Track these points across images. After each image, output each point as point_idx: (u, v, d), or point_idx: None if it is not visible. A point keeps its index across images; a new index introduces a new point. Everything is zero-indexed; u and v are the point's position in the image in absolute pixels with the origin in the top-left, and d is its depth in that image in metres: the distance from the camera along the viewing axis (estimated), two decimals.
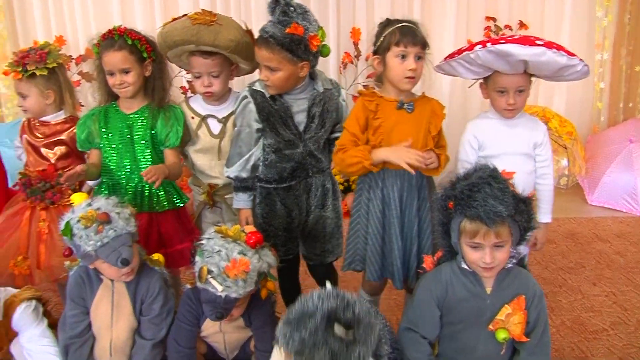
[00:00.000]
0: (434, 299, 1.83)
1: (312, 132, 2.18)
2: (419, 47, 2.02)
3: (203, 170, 2.34)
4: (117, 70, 2.15)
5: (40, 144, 2.36)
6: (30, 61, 2.26)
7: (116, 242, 1.84)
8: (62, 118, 2.38)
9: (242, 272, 1.75)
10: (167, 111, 2.26)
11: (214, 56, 2.18)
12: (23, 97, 2.32)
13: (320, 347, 1.29)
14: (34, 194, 2.31)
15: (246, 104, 2.15)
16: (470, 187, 1.70)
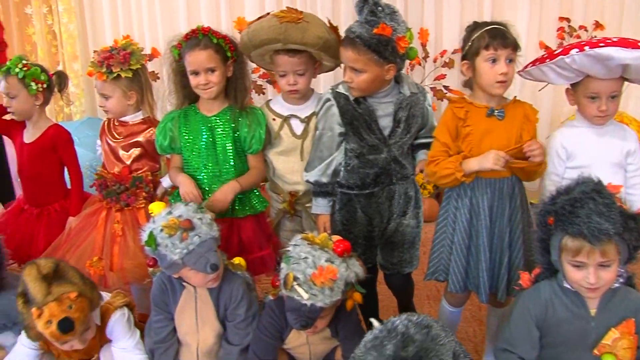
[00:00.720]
0: (533, 318, 1.73)
1: (397, 137, 2.12)
2: (510, 50, 1.94)
3: (283, 174, 2.30)
4: (202, 69, 2.12)
5: (118, 145, 2.35)
6: (114, 62, 2.25)
7: (202, 248, 1.80)
8: (140, 119, 2.38)
9: (329, 280, 1.69)
10: (249, 114, 2.23)
11: (299, 54, 2.14)
12: (106, 98, 2.31)
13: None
14: (109, 196, 2.31)
15: (329, 106, 2.11)
16: (572, 202, 1.59)
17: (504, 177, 2.02)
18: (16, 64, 2.38)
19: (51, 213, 2.48)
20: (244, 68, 2.23)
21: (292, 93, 2.20)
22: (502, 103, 2.03)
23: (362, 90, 2.05)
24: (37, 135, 2.47)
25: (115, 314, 1.92)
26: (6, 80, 2.40)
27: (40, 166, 2.46)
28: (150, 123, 2.36)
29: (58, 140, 2.46)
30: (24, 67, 2.38)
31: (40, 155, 2.45)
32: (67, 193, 2.51)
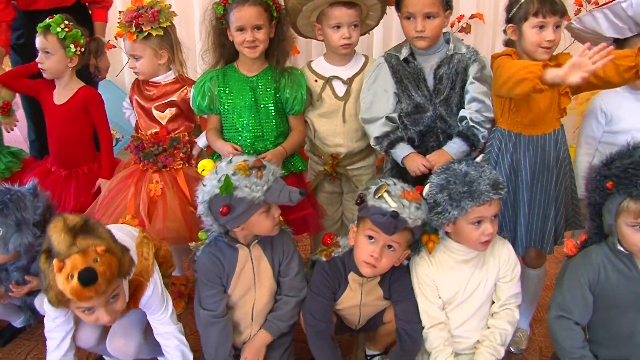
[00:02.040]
0: (586, 283, 1.74)
1: (442, 95, 2.10)
2: (558, 16, 1.91)
3: (325, 136, 2.26)
4: (250, 26, 2.07)
5: (151, 105, 2.29)
6: (144, 21, 2.17)
7: (278, 184, 1.79)
8: (172, 78, 2.31)
9: (416, 198, 1.74)
10: (290, 75, 2.20)
11: (355, 7, 2.12)
12: (136, 59, 2.23)
13: None
14: (146, 157, 2.25)
15: (381, 67, 2.13)
16: (635, 165, 1.61)
17: (547, 134, 2.00)
18: (58, 23, 2.30)
19: (80, 175, 2.43)
20: (286, 30, 2.19)
21: (345, 47, 2.16)
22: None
23: (433, 39, 2.07)
24: (68, 96, 2.40)
25: (148, 288, 1.81)
26: (45, 36, 2.32)
27: (71, 128, 2.41)
28: (184, 82, 2.30)
29: (90, 101, 2.40)
30: (66, 28, 2.30)
31: (71, 116, 2.39)
32: (95, 156, 2.47)
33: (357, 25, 2.15)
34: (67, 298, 1.54)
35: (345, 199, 2.36)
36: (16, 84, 2.50)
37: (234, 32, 2.10)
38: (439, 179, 1.79)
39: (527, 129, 2.00)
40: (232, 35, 2.12)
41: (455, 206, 1.73)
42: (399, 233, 1.72)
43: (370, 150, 2.31)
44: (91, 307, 1.60)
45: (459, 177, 1.74)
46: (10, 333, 2.33)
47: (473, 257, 1.85)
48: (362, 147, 2.28)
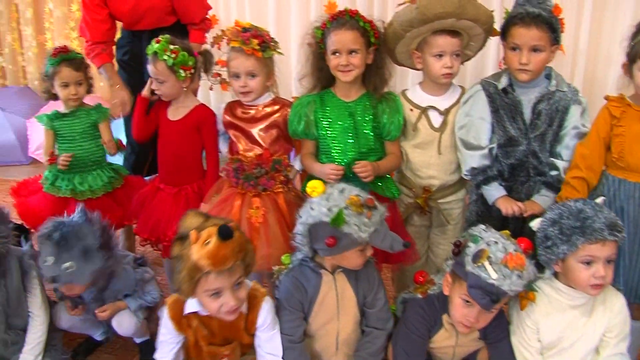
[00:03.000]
0: None
1: (538, 130, 2.06)
2: None
3: (418, 168, 2.22)
4: (345, 50, 2.07)
5: (253, 127, 2.27)
6: (267, 41, 2.18)
7: (383, 228, 1.76)
8: (270, 99, 2.29)
9: (520, 266, 1.64)
10: (388, 100, 2.18)
11: (459, 36, 2.10)
12: (252, 77, 2.21)
13: None
14: (247, 180, 2.21)
15: (479, 94, 2.10)
16: None
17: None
18: (164, 50, 2.29)
19: (189, 193, 2.41)
20: (384, 58, 2.17)
21: (446, 77, 2.13)
22: None
23: (536, 72, 2.04)
24: (183, 113, 2.41)
25: (266, 301, 1.85)
26: (154, 65, 2.32)
27: (184, 145, 2.40)
28: (282, 103, 2.28)
29: (204, 121, 2.40)
30: (172, 54, 2.29)
31: (185, 133, 2.39)
32: (203, 174, 2.45)
33: (459, 55, 2.13)
34: (198, 276, 1.64)
35: (434, 233, 2.31)
36: (148, 127, 2.48)
37: (330, 55, 2.11)
38: (552, 213, 1.75)
39: (632, 176, 1.95)
40: (329, 58, 2.12)
41: (566, 241, 1.69)
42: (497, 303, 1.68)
43: (462, 184, 2.26)
44: (219, 291, 1.67)
45: (572, 212, 1.71)
46: (91, 346, 2.36)
47: (582, 304, 1.78)
48: (455, 180, 2.23)
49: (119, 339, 2.38)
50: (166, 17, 2.82)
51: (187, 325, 1.85)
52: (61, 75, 2.48)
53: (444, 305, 1.81)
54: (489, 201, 2.10)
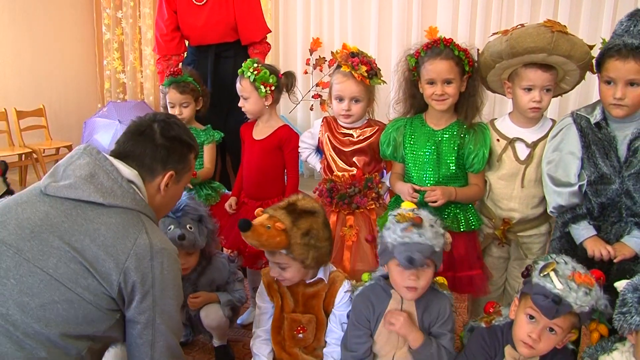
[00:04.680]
0: None
1: (634, 168, 1.95)
2: None
3: (499, 199, 2.20)
4: (440, 79, 2.09)
5: (350, 149, 2.35)
6: (375, 70, 2.26)
7: (415, 247, 1.77)
8: (365, 122, 2.37)
9: (587, 283, 1.61)
10: (476, 132, 2.18)
11: (551, 70, 2.05)
12: (356, 102, 2.28)
13: None
14: (342, 199, 2.29)
15: (569, 128, 2.03)
16: None
17: None
18: (249, 67, 2.50)
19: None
20: (478, 85, 2.17)
21: (534, 111, 2.09)
22: None
23: (633, 108, 1.93)
24: (267, 133, 2.58)
25: (345, 283, 2.04)
26: (240, 82, 2.55)
27: (267, 162, 2.57)
28: (377, 126, 2.36)
29: (286, 141, 2.56)
30: (255, 71, 2.49)
31: (268, 151, 2.56)
32: (284, 190, 2.60)
33: (550, 90, 2.08)
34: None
35: (512, 265, 2.27)
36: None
37: (425, 84, 2.13)
38: (639, 278, 1.64)
39: None
40: (422, 87, 2.15)
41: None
42: (562, 317, 1.63)
43: (545, 219, 2.21)
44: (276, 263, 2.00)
45: None
46: None
47: None
48: (537, 214, 2.18)
49: (198, 342, 2.58)
50: (231, 32, 3.09)
51: (276, 291, 2.11)
52: (169, 97, 2.72)
53: (507, 336, 1.79)
54: (577, 241, 2.02)
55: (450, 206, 2.20)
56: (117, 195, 1.58)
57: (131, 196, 1.60)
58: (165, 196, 1.75)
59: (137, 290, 1.54)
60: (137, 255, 1.53)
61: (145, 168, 1.69)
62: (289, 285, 2.07)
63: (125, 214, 1.58)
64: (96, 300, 1.50)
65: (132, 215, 1.59)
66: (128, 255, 1.52)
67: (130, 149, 1.70)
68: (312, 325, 2.09)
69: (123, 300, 1.55)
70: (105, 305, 1.53)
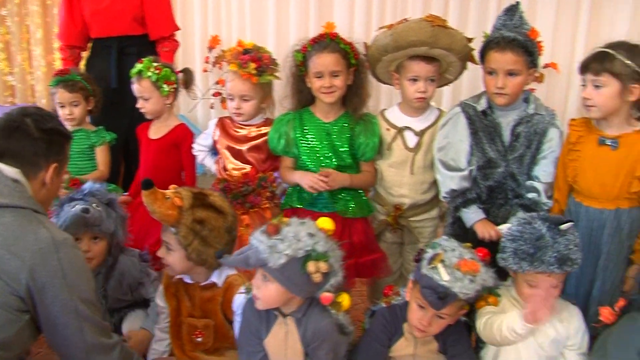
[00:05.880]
0: (636, 351, 1.69)
1: (517, 152, 2.09)
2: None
3: (390, 186, 2.29)
4: (327, 72, 2.14)
5: (245, 147, 2.34)
6: (265, 66, 2.25)
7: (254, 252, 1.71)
8: (262, 120, 2.38)
9: (472, 270, 1.70)
10: (365, 122, 2.25)
11: (434, 62, 2.15)
12: (245, 100, 2.28)
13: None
14: (235, 199, 2.28)
15: (458, 116, 2.14)
16: None
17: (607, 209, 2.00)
18: (148, 68, 2.44)
19: None
20: (364, 77, 2.24)
21: (419, 100, 2.19)
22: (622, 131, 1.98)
23: (513, 96, 2.06)
24: (164, 132, 2.54)
25: (241, 289, 1.92)
26: (139, 83, 2.47)
27: (164, 161, 2.53)
28: (271, 123, 2.35)
29: (182, 140, 2.52)
30: (156, 70, 2.43)
31: (165, 151, 2.52)
32: None
33: (434, 80, 2.18)
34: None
35: (406, 250, 2.37)
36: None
37: (312, 78, 2.18)
38: (517, 228, 1.79)
39: (586, 200, 2.02)
40: (310, 81, 2.19)
41: (516, 262, 1.75)
42: (449, 305, 1.72)
43: (435, 203, 2.31)
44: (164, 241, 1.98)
45: (532, 237, 1.74)
46: None
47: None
48: (427, 199, 2.29)
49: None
50: (136, 25, 2.95)
51: (173, 294, 2.08)
52: (57, 96, 2.61)
53: (406, 313, 1.86)
54: (467, 224, 2.12)
55: (343, 194, 2.25)
56: (4, 194, 1.57)
57: (19, 194, 1.60)
58: (50, 189, 1.74)
59: (49, 285, 1.53)
60: (41, 251, 1.53)
61: (26, 164, 1.67)
62: (173, 274, 2.05)
63: (17, 212, 1.57)
64: (3, 301, 1.49)
65: (24, 213, 1.58)
66: (32, 252, 1.52)
67: (5, 147, 1.66)
68: (210, 329, 2.06)
69: (32, 300, 1.54)
70: (14, 306, 1.52)
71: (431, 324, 1.77)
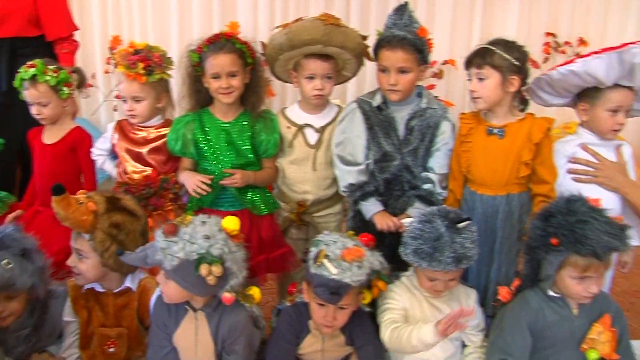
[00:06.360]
0: (526, 325, 1.82)
1: (411, 145, 2.17)
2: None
3: (293, 183, 2.32)
4: (224, 73, 2.14)
5: (144, 149, 2.30)
6: (153, 64, 2.20)
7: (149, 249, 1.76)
8: (161, 122, 2.33)
9: (358, 257, 1.75)
10: (265, 120, 2.27)
11: (330, 60, 2.19)
12: (137, 101, 2.24)
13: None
14: (137, 202, 2.18)
15: (354, 112, 2.20)
16: (580, 224, 1.70)
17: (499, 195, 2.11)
18: (43, 71, 2.30)
19: None
20: (261, 76, 2.25)
21: (317, 98, 2.23)
22: (507, 121, 2.11)
23: (405, 92, 2.13)
24: (59, 136, 2.41)
25: (157, 292, 1.89)
26: (35, 88, 2.31)
27: (60, 167, 2.41)
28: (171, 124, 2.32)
29: (79, 143, 2.41)
30: (54, 73, 2.31)
31: (61, 155, 2.40)
32: None
33: (330, 77, 2.22)
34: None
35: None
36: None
37: (209, 79, 2.16)
38: (418, 226, 1.85)
39: (480, 188, 2.12)
40: (208, 82, 2.18)
41: (416, 260, 1.82)
42: (345, 296, 1.76)
43: (337, 198, 2.36)
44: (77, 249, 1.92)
45: (431, 237, 1.80)
46: None
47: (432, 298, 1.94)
48: (330, 195, 2.33)
49: None
50: (30, 26, 2.79)
51: (83, 306, 1.99)
52: None
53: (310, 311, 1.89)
54: (366, 217, 2.18)
55: (249, 191, 2.26)
56: None
57: None
58: None
59: None
60: None
61: None
62: (83, 283, 1.98)
63: None
64: None
65: None
66: None
67: None
68: (123, 338, 2.01)
69: None
70: None
71: (336, 318, 1.81)
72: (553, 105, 2.29)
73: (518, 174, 2.07)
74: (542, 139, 2.05)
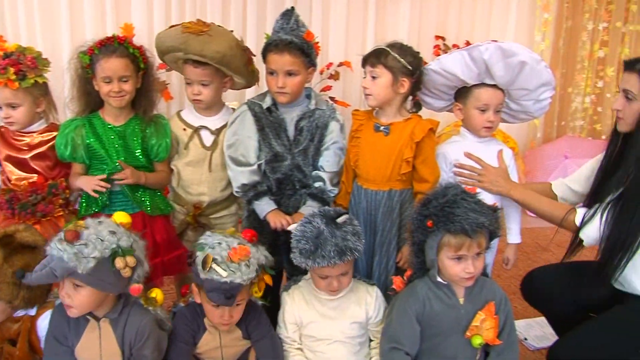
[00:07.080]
0: (413, 314, 1.88)
1: (301, 146, 2.23)
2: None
3: (189, 185, 2.33)
4: (116, 77, 2.12)
5: (27, 156, 2.21)
6: (26, 68, 2.11)
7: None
8: (44, 126, 2.26)
9: (245, 256, 1.79)
10: (156, 124, 2.27)
11: (204, 66, 2.20)
12: (13, 108, 2.15)
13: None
14: (23, 209, 2.15)
15: (245, 114, 2.22)
16: (450, 204, 1.79)
17: (381, 190, 2.20)
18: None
19: None
20: (153, 81, 2.25)
21: (196, 102, 2.27)
22: (395, 120, 2.21)
23: (294, 94, 2.17)
24: None
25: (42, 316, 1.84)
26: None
27: None
28: (57, 129, 2.25)
29: None
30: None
31: None
32: None
33: (206, 84, 2.23)
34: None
35: None
36: None
37: (100, 82, 2.13)
38: (300, 228, 1.91)
39: (366, 183, 2.22)
40: (98, 85, 2.15)
41: (302, 261, 1.89)
42: (239, 295, 1.81)
43: (233, 199, 2.39)
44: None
45: (312, 234, 1.87)
46: None
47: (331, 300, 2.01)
48: (225, 196, 2.36)
49: None
50: None
51: None
52: None
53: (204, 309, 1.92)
54: (260, 216, 2.21)
55: (139, 193, 2.26)
56: None
57: None
58: None
59: None
60: None
61: None
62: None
63: None
64: None
65: None
66: None
67: None
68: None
69: None
70: None
71: (232, 315, 1.86)
72: (441, 110, 2.42)
73: (400, 171, 2.16)
74: (423, 138, 2.15)
